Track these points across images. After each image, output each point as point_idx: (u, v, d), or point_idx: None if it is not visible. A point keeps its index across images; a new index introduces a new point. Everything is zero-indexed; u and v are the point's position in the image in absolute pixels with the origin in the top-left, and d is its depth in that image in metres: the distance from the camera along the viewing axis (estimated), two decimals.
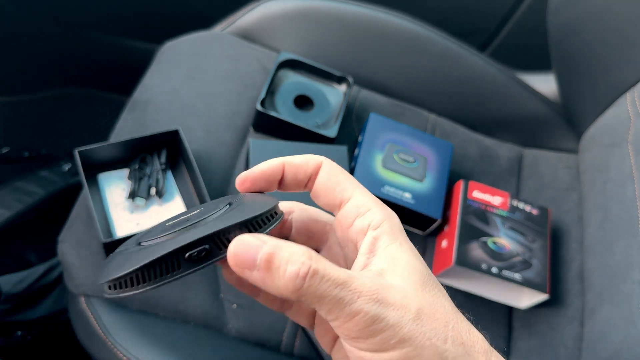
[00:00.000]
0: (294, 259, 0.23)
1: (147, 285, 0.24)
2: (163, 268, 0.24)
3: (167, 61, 0.71)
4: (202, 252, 0.24)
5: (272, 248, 0.24)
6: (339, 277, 0.24)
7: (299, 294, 0.23)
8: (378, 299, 0.24)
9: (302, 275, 0.23)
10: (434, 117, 0.75)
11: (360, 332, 0.24)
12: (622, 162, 0.64)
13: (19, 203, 0.74)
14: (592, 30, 0.70)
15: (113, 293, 0.25)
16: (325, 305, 0.24)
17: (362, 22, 0.76)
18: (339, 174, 0.29)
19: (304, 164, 0.29)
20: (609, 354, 0.55)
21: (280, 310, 0.32)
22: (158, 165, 0.61)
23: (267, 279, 0.24)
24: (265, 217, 0.26)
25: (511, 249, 0.62)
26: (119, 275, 0.24)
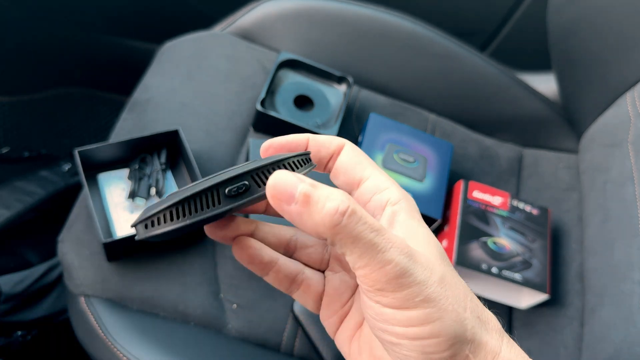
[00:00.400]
0: (334, 197, 0.23)
1: (186, 219, 0.24)
2: (203, 202, 0.24)
3: (167, 61, 0.71)
4: (241, 187, 0.24)
5: (313, 184, 0.24)
6: (374, 223, 0.24)
7: (335, 231, 0.23)
8: (409, 253, 0.24)
9: (342, 212, 0.23)
10: (434, 117, 0.75)
11: (387, 283, 0.23)
12: (623, 162, 0.63)
13: (19, 203, 0.74)
14: (592, 30, 0.70)
15: (149, 231, 0.24)
16: (358, 248, 0.23)
17: (362, 22, 0.76)
18: (360, 155, 0.29)
19: (328, 142, 0.30)
20: (609, 354, 0.55)
21: (288, 291, 0.32)
22: (158, 165, 0.61)
23: (305, 213, 0.23)
24: (301, 160, 0.27)
25: (511, 249, 0.62)
26: (159, 210, 0.24)
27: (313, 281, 0.32)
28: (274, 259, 0.31)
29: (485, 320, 0.26)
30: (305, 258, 0.32)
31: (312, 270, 0.32)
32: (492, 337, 0.26)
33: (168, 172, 0.63)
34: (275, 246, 0.32)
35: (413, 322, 0.24)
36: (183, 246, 0.59)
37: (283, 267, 0.31)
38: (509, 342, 0.26)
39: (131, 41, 0.96)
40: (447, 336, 0.24)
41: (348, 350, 0.31)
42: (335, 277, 0.32)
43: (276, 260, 0.31)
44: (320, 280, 0.32)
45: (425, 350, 0.24)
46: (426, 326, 0.24)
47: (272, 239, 0.32)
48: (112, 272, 0.56)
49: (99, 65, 0.97)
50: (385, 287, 0.24)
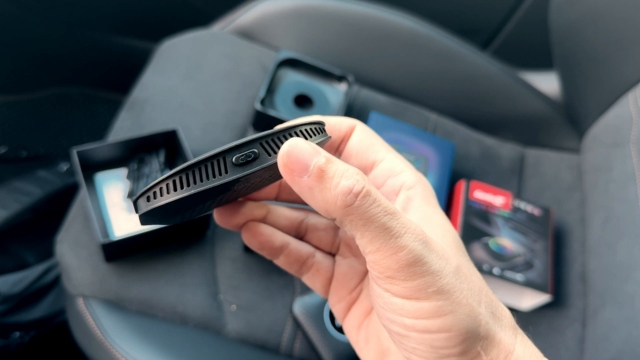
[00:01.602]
0: (349, 174, 0.22)
1: (191, 189, 0.22)
2: (209, 170, 0.22)
3: (165, 60, 0.71)
4: (249, 155, 0.22)
5: (329, 158, 0.22)
6: (388, 206, 0.22)
7: (346, 212, 0.22)
8: (424, 240, 0.23)
9: (356, 192, 0.22)
10: (435, 116, 0.74)
11: (399, 270, 0.22)
12: (625, 162, 0.63)
13: (16, 203, 0.74)
14: (594, 29, 0.70)
15: (151, 204, 0.22)
16: (370, 231, 0.22)
17: (362, 21, 0.76)
18: (372, 137, 0.28)
19: (338, 124, 0.28)
20: (611, 355, 0.55)
21: (298, 273, 0.31)
22: (157, 165, 0.61)
23: (317, 189, 0.22)
24: (316, 128, 0.25)
25: (513, 250, 0.61)
26: (162, 178, 0.22)
27: (323, 265, 0.31)
28: (285, 243, 0.30)
29: (499, 315, 0.25)
30: (316, 241, 0.31)
31: (323, 254, 0.31)
32: (506, 334, 0.24)
33: (167, 171, 0.62)
34: (287, 229, 0.31)
35: (423, 314, 0.22)
36: (181, 247, 0.58)
37: (294, 250, 0.30)
38: (522, 340, 0.25)
39: (129, 40, 0.95)
40: (458, 331, 0.22)
41: (355, 338, 0.30)
42: (344, 262, 0.31)
43: (287, 244, 0.30)
44: (330, 265, 0.31)
45: (434, 345, 0.23)
46: (437, 319, 0.22)
47: (284, 222, 0.31)
48: (110, 273, 0.56)
49: (96, 65, 0.97)
50: (396, 275, 0.22)
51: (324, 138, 0.25)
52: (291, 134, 0.23)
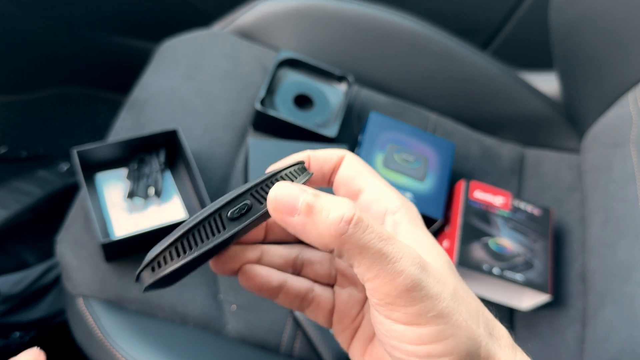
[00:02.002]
0: (339, 204, 0.22)
1: (194, 251, 0.23)
2: (207, 230, 0.23)
3: (165, 60, 0.71)
4: (243, 208, 0.23)
5: (315, 193, 0.23)
6: (382, 231, 0.23)
7: (341, 241, 0.22)
8: (421, 264, 0.23)
9: (347, 220, 0.22)
10: (434, 116, 0.74)
11: (398, 296, 0.22)
12: (625, 162, 0.63)
13: (16, 203, 0.74)
14: (594, 29, 0.70)
15: (156, 274, 0.23)
16: (367, 258, 0.22)
17: (362, 21, 0.76)
18: (359, 165, 0.29)
19: (329, 156, 0.29)
20: (611, 355, 0.55)
21: (300, 309, 0.31)
22: (157, 165, 0.61)
23: (309, 224, 0.22)
24: (297, 169, 0.26)
25: (513, 250, 0.61)
26: (163, 248, 0.23)
27: (323, 298, 0.31)
28: (282, 282, 0.30)
29: (497, 335, 0.25)
30: (313, 274, 0.32)
31: (322, 286, 0.31)
32: (505, 353, 0.25)
33: (167, 171, 0.62)
34: (283, 267, 0.31)
35: (425, 340, 0.22)
36: None
37: (292, 287, 0.30)
38: (522, 358, 0.25)
39: (130, 40, 0.95)
40: (459, 354, 0.23)
41: None
42: (343, 292, 0.31)
43: (285, 282, 0.30)
44: (330, 296, 0.31)
45: None
46: (438, 344, 0.22)
47: (279, 261, 0.31)
48: (110, 273, 0.56)
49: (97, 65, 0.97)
50: (396, 301, 0.22)
51: (307, 177, 0.26)
52: (277, 179, 0.24)
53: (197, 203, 0.60)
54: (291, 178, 0.25)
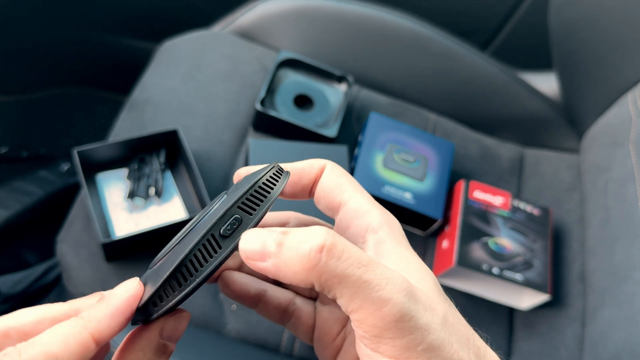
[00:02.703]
0: (307, 236, 0.21)
1: (195, 278, 0.22)
2: (205, 254, 0.22)
3: (166, 60, 0.71)
4: (234, 223, 0.23)
5: (284, 231, 0.22)
6: (361, 256, 0.21)
7: (317, 273, 0.20)
8: (408, 290, 0.21)
9: (317, 249, 0.20)
10: (434, 116, 0.75)
11: (385, 328, 0.20)
12: (624, 162, 0.63)
13: (17, 203, 0.74)
14: (593, 29, 0.70)
15: (160, 308, 0.22)
16: (347, 288, 0.20)
17: (362, 21, 0.76)
18: (340, 175, 0.27)
19: (308, 167, 0.27)
20: (610, 354, 0.55)
21: (280, 322, 0.30)
22: (157, 165, 0.61)
23: (281, 264, 0.21)
24: (275, 173, 0.25)
25: (512, 250, 0.61)
26: (163, 280, 0.22)
27: (304, 312, 0.29)
28: (261, 291, 0.29)
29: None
30: (294, 286, 0.30)
31: (304, 299, 0.30)
32: None
33: (167, 172, 0.62)
34: (264, 276, 0.29)
35: None
36: None
37: (272, 298, 0.29)
38: None
39: (130, 40, 0.95)
40: None
41: None
42: (324, 309, 0.29)
43: (264, 292, 0.29)
44: (311, 311, 0.30)
45: None
46: None
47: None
48: (111, 273, 0.56)
49: (97, 65, 0.97)
50: (383, 334, 0.20)
51: (286, 179, 0.25)
52: (258, 189, 0.24)
53: (198, 203, 0.60)
54: (271, 183, 0.24)
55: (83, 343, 0.21)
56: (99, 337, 0.21)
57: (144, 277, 0.25)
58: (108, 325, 0.22)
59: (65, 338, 0.21)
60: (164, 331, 0.24)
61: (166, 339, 0.24)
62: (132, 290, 0.23)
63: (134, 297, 0.22)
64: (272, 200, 0.24)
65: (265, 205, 0.24)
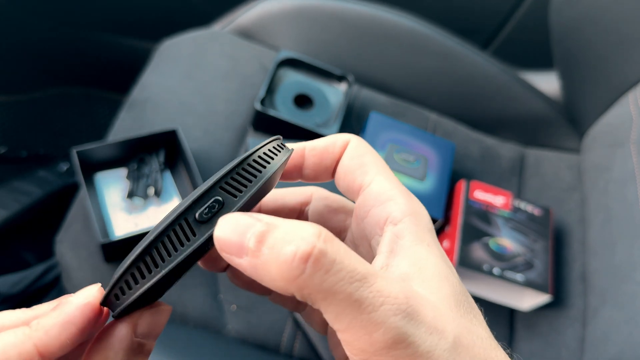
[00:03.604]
0: (292, 237, 0.17)
1: (161, 269, 0.18)
2: (174, 240, 0.19)
3: (165, 60, 0.70)
4: (213, 206, 0.19)
5: (266, 225, 0.17)
6: (356, 268, 0.17)
7: (298, 285, 0.17)
8: (408, 311, 0.18)
9: (303, 257, 0.17)
10: (434, 116, 0.74)
11: (377, 354, 0.17)
12: (625, 162, 0.63)
13: (16, 203, 0.74)
14: (594, 28, 0.70)
15: (122, 301, 0.19)
16: (334, 306, 0.17)
17: (362, 21, 0.76)
18: (365, 154, 0.23)
19: (331, 145, 0.23)
20: (611, 355, 0.55)
21: (296, 310, 0.27)
22: (156, 165, 0.61)
23: (259, 266, 0.17)
24: (276, 147, 0.21)
25: (513, 250, 0.61)
26: (124, 269, 0.19)
27: None
28: None
29: None
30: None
31: None
32: None
33: (167, 172, 0.62)
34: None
35: None
36: None
37: None
38: None
39: (129, 39, 0.95)
40: None
41: None
42: None
43: None
44: None
45: None
46: None
47: None
48: (110, 273, 0.56)
49: (96, 64, 0.96)
50: (374, 359, 0.17)
51: (287, 155, 0.21)
52: (250, 163, 0.20)
53: None
54: (266, 160, 0.20)
55: (23, 355, 0.18)
56: (44, 350, 0.19)
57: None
58: (56, 336, 0.19)
59: (5, 348, 0.18)
60: (138, 327, 0.20)
61: (142, 337, 0.21)
62: (89, 297, 0.19)
63: (90, 306, 0.19)
64: (264, 180, 0.20)
65: (254, 186, 0.19)
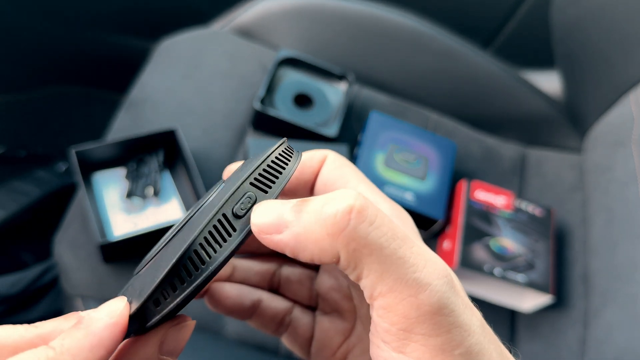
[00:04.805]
0: (332, 199, 0.17)
1: (208, 267, 0.17)
2: (217, 238, 0.18)
3: (164, 59, 0.70)
4: (248, 202, 0.19)
5: (300, 201, 0.18)
6: (397, 227, 0.17)
7: (344, 239, 0.17)
8: (448, 279, 0.17)
9: (346, 210, 0.17)
10: (435, 116, 0.74)
11: (419, 320, 0.16)
12: (626, 162, 0.63)
13: (14, 203, 0.73)
14: (595, 28, 0.69)
15: (164, 307, 0.18)
16: (378, 263, 0.16)
17: (363, 20, 0.75)
18: (343, 166, 0.24)
19: (308, 160, 0.24)
20: (613, 356, 0.54)
21: (276, 334, 0.27)
22: (156, 164, 0.60)
23: (301, 233, 0.17)
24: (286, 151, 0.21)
25: (514, 250, 0.61)
26: (166, 273, 0.17)
27: (301, 323, 0.26)
28: (256, 302, 0.26)
29: None
30: (292, 294, 0.27)
31: (303, 309, 0.27)
32: None
33: (166, 171, 0.62)
34: (258, 284, 0.27)
35: None
36: None
37: (268, 308, 0.26)
38: None
39: (128, 39, 0.95)
40: None
41: None
42: (324, 319, 0.26)
43: (259, 302, 0.26)
44: (310, 322, 0.26)
45: None
46: None
47: (254, 278, 0.26)
48: (109, 274, 0.55)
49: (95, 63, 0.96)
50: (415, 328, 0.16)
51: (299, 157, 0.22)
52: (274, 161, 0.20)
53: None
54: (285, 159, 0.21)
55: None
56: None
57: (128, 287, 0.22)
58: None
59: None
60: (164, 344, 0.19)
61: (167, 354, 0.20)
62: (117, 314, 0.17)
63: (119, 326, 0.17)
64: (289, 178, 0.20)
65: (281, 183, 0.20)
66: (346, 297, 0.26)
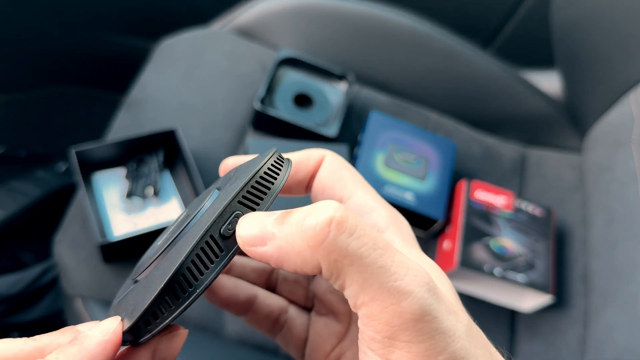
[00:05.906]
0: (313, 210, 0.18)
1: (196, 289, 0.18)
2: (204, 259, 0.19)
3: (164, 59, 0.70)
4: (235, 221, 0.19)
5: (283, 212, 0.19)
6: (378, 237, 0.17)
7: (324, 251, 0.17)
8: (430, 285, 0.18)
9: (325, 221, 0.17)
10: (435, 115, 0.74)
11: (402, 327, 0.17)
12: (626, 162, 0.63)
13: (14, 203, 0.73)
14: (596, 27, 0.69)
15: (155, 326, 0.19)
16: (359, 273, 0.17)
17: (363, 19, 0.75)
18: (341, 168, 0.24)
19: (305, 159, 0.24)
20: (613, 356, 0.54)
21: (270, 334, 0.27)
22: (155, 164, 0.60)
23: (283, 244, 0.18)
24: (276, 162, 0.21)
25: (514, 250, 0.61)
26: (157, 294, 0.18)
27: (296, 323, 0.26)
28: (251, 297, 0.26)
29: None
30: (288, 293, 0.27)
31: (298, 309, 0.27)
32: None
33: (166, 171, 0.62)
34: (255, 281, 0.27)
35: None
36: None
37: (263, 305, 0.26)
38: None
39: (128, 39, 0.95)
40: None
41: None
42: (319, 321, 0.26)
43: (254, 298, 0.26)
44: (305, 323, 0.27)
45: None
46: None
47: (252, 274, 0.27)
48: (108, 274, 0.55)
49: (95, 63, 0.96)
50: (399, 335, 0.17)
51: (289, 167, 0.22)
52: (262, 177, 0.20)
53: None
54: (274, 173, 0.21)
55: None
56: None
57: (123, 292, 0.22)
58: None
59: None
60: (157, 353, 0.20)
61: None
62: (110, 332, 0.19)
63: (112, 343, 0.18)
64: (277, 193, 0.21)
65: (269, 198, 0.20)
66: (342, 300, 0.26)
